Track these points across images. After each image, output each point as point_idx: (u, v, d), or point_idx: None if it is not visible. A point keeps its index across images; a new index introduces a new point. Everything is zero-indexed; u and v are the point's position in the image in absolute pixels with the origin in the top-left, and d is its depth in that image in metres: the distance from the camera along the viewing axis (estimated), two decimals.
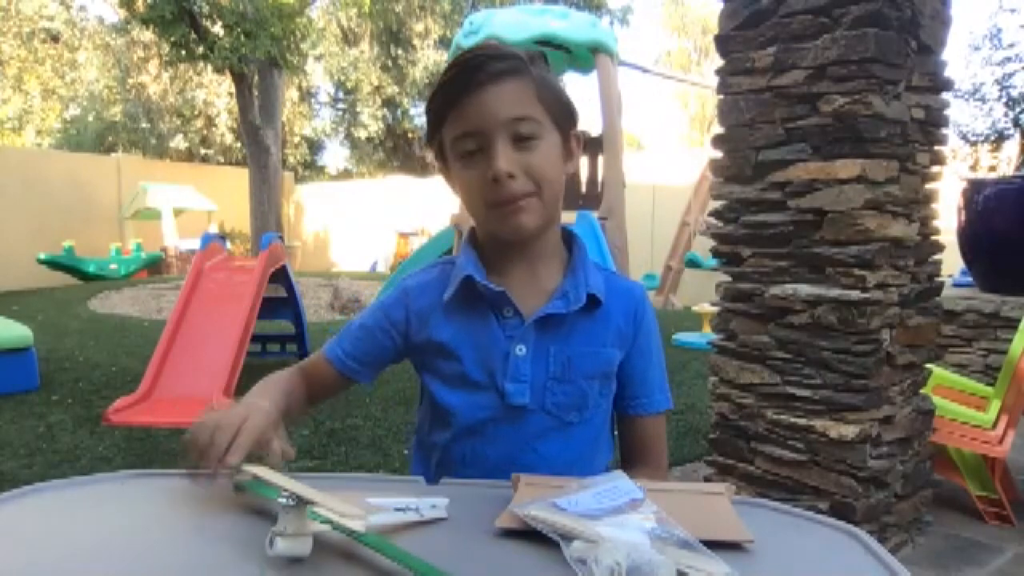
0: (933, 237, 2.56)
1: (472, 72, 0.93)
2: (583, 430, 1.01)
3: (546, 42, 5.86)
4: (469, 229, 1.08)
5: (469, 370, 0.99)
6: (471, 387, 0.99)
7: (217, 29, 10.27)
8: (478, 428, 1.00)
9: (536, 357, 0.98)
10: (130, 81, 18.02)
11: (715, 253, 2.68)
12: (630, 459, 1.08)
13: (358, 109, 18.37)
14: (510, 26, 5.74)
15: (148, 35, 14.58)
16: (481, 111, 0.92)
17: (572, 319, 0.99)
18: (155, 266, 11.54)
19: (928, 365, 2.60)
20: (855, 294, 2.25)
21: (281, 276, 5.18)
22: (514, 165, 0.92)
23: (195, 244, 8.11)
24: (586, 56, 6.15)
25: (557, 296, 0.99)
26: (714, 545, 0.64)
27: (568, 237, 1.07)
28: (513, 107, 0.92)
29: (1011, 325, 4.03)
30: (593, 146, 5.99)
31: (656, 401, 1.06)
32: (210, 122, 18.48)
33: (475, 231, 1.06)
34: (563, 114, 0.99)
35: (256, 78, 11.18)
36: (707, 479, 2.71)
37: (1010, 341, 2.93)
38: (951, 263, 3.71)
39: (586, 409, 1.00)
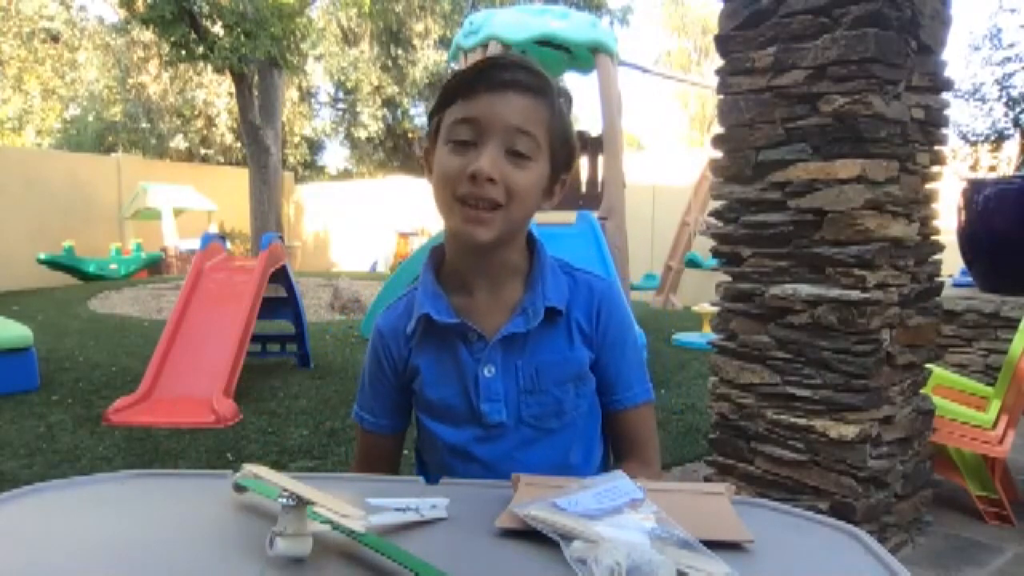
0: (933, 237, 2.56)
1: (501, 70, 0.94)
2: (567, 434, 1.01)
3: (546, 42, 5.87)
4: (431, 249, 1.08)
5: (445, 396, 1.02)
6: (450, 411, 1.01)
7: (217, 29, 10.26)
8: (463, 449, 1.01)
9: (505, 374, 0.99)
10: (130, 81, 18.01)
11: (715, 253, 2.68)
12: (620, 454, 1.08)
13: (358, 109, 18.37)
14: (510, 26, 5.74)
15: (148, 35, 14.58)
16: (491, 108, 0.92)
17: (535, 332, 1.00)
18: (155, 266, 11.54)
19: (928, 365, 2.60)
20: (855, 294, 2.25)
21: (281, 276, 5.18)
22: (497, 171, 0.91)
23: (195, 244, 8.11)
24: (586, 56, 6.15)
25: (517, 314, 1.00)
26: (714, 545, 0.64)
27: (532, 243, 1.07)
28: (522, 119, 0.93)
29: (1011, 325, 4.03)
30: (593, 146, 6.00)
31: (635, 394, 1.06)
32: (210, 122, 18.48)
33: (436, 251, 1.07)
34: (563, 153, 0.99)
35: (256, 78, 11.17)
36: (707, 479, 2.71)
37: (1010, 341, 2.93)
38: (951, 263, 3.71)
39: (564, 414, 1.01)
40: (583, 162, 6.15)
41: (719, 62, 2.62)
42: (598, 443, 1.07)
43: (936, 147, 2.53)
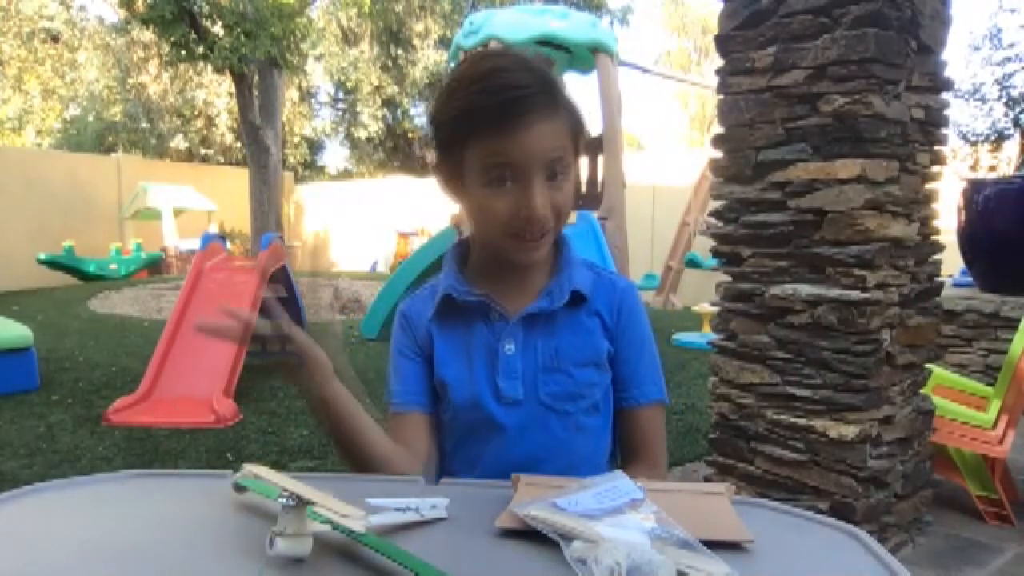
0: (933, 237, 2.56)
1: (519, 103, 0.90)
2: (580, 420, 1.01)
3: (546, 42, 5.87)
4: (456, 242, 1.10)
5: (463, 374, 1.02)
6: (467, 390, 1.02)
7: (217, 29, 10.26)
8: (476, 428, 1.01)
9: (525, 352, 1.00)
10: (130, 81, 18.02)
11: (715, 253, 2.68)
12: (627, 455, 1.08)
13: (358, 109, 18.38)
14: (510, 26, 5.75)
15: (148, 35, 14.58)
16: (525, 147, 0.91)
17: (558, 315, 1.01)
18: (155, 266, 11.54)
19: (928, 365, 2.60)
20: (855, 294, 2.25)
21: (281, 276, 5.18)
22: (547, 205, 0.93)
23: (195, 244, 8.10)
24: (586, 56, 6.16)
25: (542, 295, 1.02)
26: (714, 545, 0.64)
27: (557, 238, 1.08)
28: (554, 147, 0.93)
29: (1011, 325, 4.03)
30: (593, 146, 6.00)
31: (647, 392, 1.06)
32: (210, 122, 18.49)
33: (461, 244, 1.09)
34: (579, 135, 1.00)
35: (256, 78, 11.18)
36: (707, 479, 2.71)
37: (1010, 341, 2.93)
38: (951, 263, 3.71)
39: (581, 399, 1.01)
40: (583, 162, 6.16)
41: (719, 62, 2.62)
42: (608, 436, 1.08)
43: (936, 147, 2.53)
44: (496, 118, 0.91)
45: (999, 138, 7.84)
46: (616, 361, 1.05)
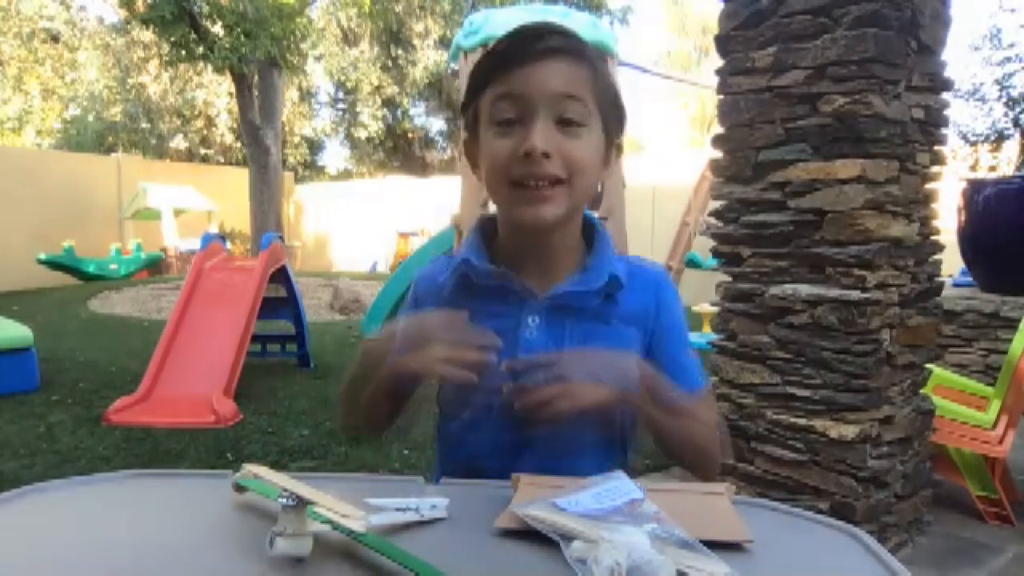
0: (933, 237, 2.56)
1: (531, 40, 0.87)
2: (588, 438, 0.92)
3: None
4: (481, 218, 1.01)
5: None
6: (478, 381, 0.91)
7: (217, 29, 10.27)
8: (483, 416, 0.92)
9: (550, 330, 0.91)
10: (130, 81, 18.03)
11: (715, 253, 2.68)
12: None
13: (358, 109, 18.40)
14: (510, 26, 5.72)
15: (148, 35, 14.58)
16: (531, 79, 0.86)
17: (590, 300, 0.92)
18: (155, 266, 11.55)
19: (928, 365, 2.60)
20: (855, 294, 2.25)
21: (281, 276, 5.18)
22: (551, 145, 0.85)
23: (195, 244, 8.11)
24: None
25: (575, 274, 0.93)
26: (714, 545, 0.64)
27: (590, 230, 0.99)
28: (565, 84, 0.86)
29: (1011, 325, 4.03)
30: None
31: (693, 378, 0.98)
32: (210, 122, 18.50)
33: (487, 220, 0.99)
34: (613, 115, 0.92)
35: (256, 78, 11.18)
36: None
37: (1010, 341, 2.93)
38: (951, 263, 3.71)
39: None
40: None
41: (719, 62, 2.62)
42: (624, 447, 0.99)
43: (936, 147, 2.53)
44: (507, 56, 0.88)
45: (999, 138, 7.85)
46: (656, 353, 0.95)
